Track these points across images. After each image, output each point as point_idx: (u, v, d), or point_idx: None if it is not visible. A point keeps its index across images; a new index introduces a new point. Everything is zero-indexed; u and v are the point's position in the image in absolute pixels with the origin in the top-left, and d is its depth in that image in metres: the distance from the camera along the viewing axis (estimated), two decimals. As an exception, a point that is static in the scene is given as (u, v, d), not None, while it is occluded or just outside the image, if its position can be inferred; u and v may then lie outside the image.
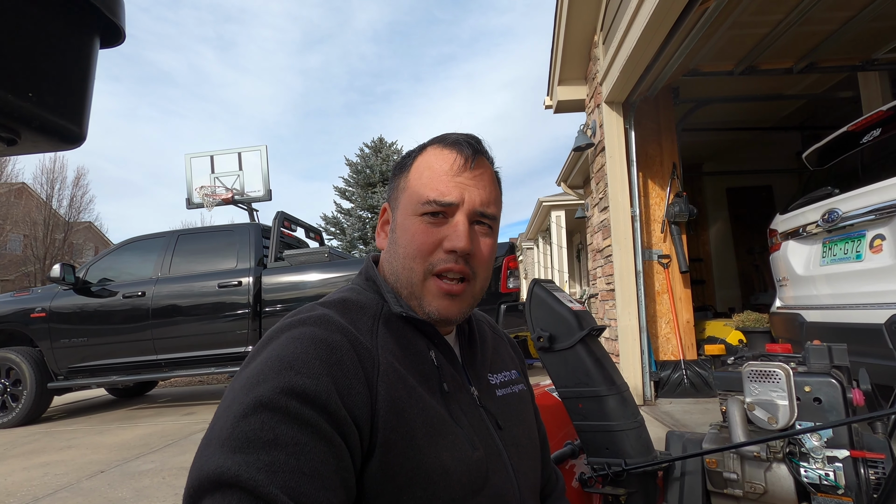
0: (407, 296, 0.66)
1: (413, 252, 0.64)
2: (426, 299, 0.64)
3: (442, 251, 0.63)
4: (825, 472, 0.83)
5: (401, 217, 0.67)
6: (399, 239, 0.66)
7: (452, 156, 0.66)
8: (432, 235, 0.63)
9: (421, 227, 0.64)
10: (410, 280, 0.64)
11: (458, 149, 0.66)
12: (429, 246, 0.63)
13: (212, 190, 7.02)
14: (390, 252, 0.68)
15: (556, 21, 4.37)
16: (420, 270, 0.64)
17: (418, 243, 0.63)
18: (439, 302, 0.64)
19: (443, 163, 0.65)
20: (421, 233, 0.63)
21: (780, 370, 0.88)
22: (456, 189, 0.64)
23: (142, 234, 5.05)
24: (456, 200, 0.64)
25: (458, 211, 0.64)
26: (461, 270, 0.64)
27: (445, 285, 0.64)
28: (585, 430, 1.02)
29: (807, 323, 2.72)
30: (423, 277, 0.64)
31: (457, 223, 0.63)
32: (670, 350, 4.00)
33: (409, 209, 0.65)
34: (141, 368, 4.57)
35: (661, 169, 4.20)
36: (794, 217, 2.89)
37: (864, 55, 4.00)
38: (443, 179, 0.64)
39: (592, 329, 1.03)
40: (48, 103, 0.27)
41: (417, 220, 0.64)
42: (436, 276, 0.64)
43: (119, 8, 0.29)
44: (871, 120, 2.41)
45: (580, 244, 12.28)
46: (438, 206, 0.63)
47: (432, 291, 0.64)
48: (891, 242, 2.20)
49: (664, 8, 2.73)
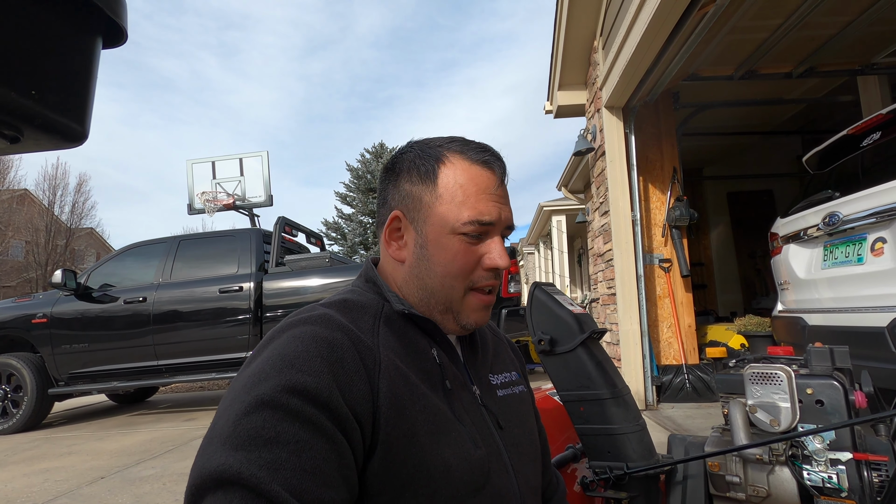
0: (443, 311, 0.66)
1: (455, 271, 0.64)
2: (464, 313, 0.66)
3: (482, 269, 0.65)
4: (828, 474, 0.83)
5: (433, 234, 0.65)
6: (434, 256, 0.65)
7: (486, 174, 0.66)
8: (473, 255, 0.65)
9: (462, 246, 0.64)
10: (450, 297, 0.65)
11: (491, 168, 0.67)
12: (471, 265, 0.65)
13: (213, 195, 7.03)
14: (420, 269, 0.66)
15: (556, 26, 4.40)
16: (461, 288, 0.65)
17: (461, 263, 0.64)
18: (477, 314, 0.67)
19: (479, 181, 0.65)
20: (463, 253, 0.64)
21: (781, 372, 0.88)
22: (494, 209, 0.65)
23: (143, 240, 5.06)
24: (495, 220, 0.65)
25: (494, 229, 0.66)
26: (496, 284, 0.68)
27: (486, 298, 0.67)
28: (587, 434, 1.02)
29: (809, 326, 2.71)
30: (463, 294, 0.66)
31: (495, 241, 0.66)
32: (672, 354, 3.99)
33: (444, 227, 0.64)
34: (142, 374, 4.56)
35: (662, 173, 4.20)
36: (795, 220, 2.89)
37: (863, 59, 4.01)
38: (482, 199, 0.65)
39: (593, 332, 1.03)
40: (50, 102, 0.27)
41: (456, 238, 0.64)
42: (474, 290, 0.66)
43: (121, 9, 0.29)
44: (870, 123, 2.41)
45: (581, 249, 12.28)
46: (480, 225, 0.64)
47: (472, 306, 0.66)
48: (892, 245, 2.20)
49: (663, 13, 2.74)
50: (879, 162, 2.51)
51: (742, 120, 5.65)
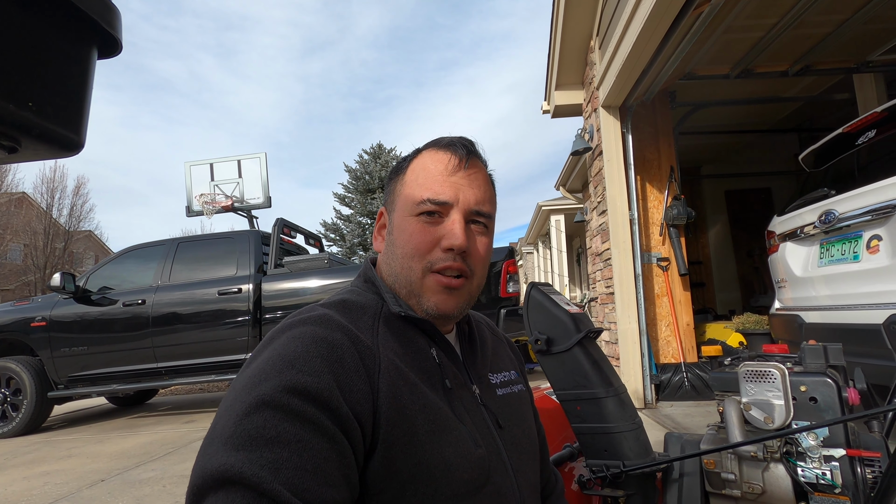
0: (406, 294, 0.67)
1: (411, 251, 0.65)
2: (425, 296, 0.65)
3: (440, 250, 0.64)
4: (822, 471, 0.84)
5: (397, 218, 0.68)
6: (396, 240, 0.67)
7: (447, 157, 0.67)
8: (429, 234, 0.64)
9: (418, 226, 0.65)
10: (409, 279, 0.65)
11: (452, 150, 0.67)
12: (426, 245, 0.64)
13: (211, 197, 7.03)
14: (388, 254, 0.69)
15: (553, 26, 4.41)
16: (419, 269, 0.65)
17: (416, 242, 0.64)
18: (437, 297, 0.65)
19: (437, 164, 0.67)
20: (418, 232, 0.65)
21: (775, 370, 0.88)
22: (451, 188, 0.65)
23: (142, 242, 5.06)
24: (451, 199, 0.65)
25: (453, 210, 0.65)
26: (459, 268, 0.65)
27: (445, 279, 0.64)
28: (584, 433, 1.03)
29: (806, 324, 2.72)
30: (421, 275, 0.65)
31: (453, 221, 0.64)
32: (671, 353, 4.00)
33: (405, 210, 0.67)
34: (141, 377, 4.56)
35: (659, 172, 4.21)
36: (792, 219, 2.90)
37: (858, 57, 4.03)
38: (437, 179, 0.65)
39: (589, 331, 1.04)
40: (48, 112, 0.28)
41: (414, 220, 0.65)
42: (434, 272, 0.65)
43: (116, 20, 0.30)
44: (866, 121, 2.42)
45: (580, 248, 12.29)
46: (434, 205, 0.64)
47: (431, 287, 0.65)
48: (887, 243, 2.21)
49: (659, 13, 2.75)
50: (875, 160, 2.52)
51: (739, 118, 5.66)
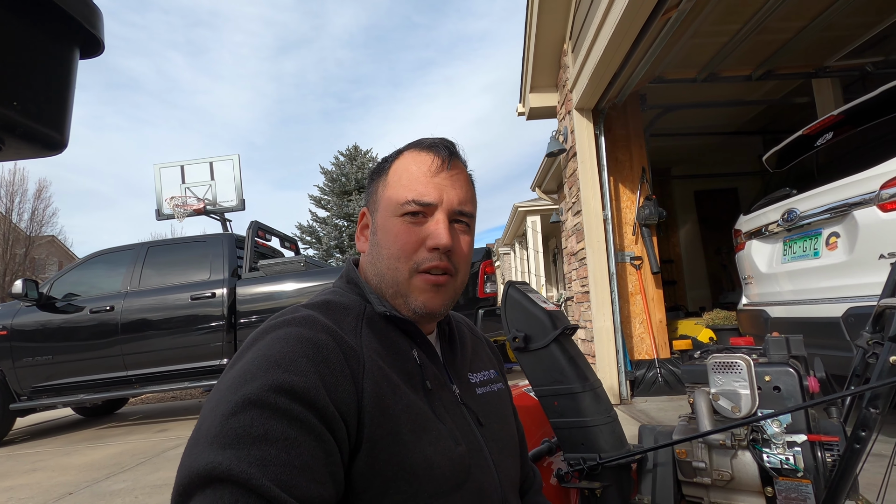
0: (392, 294, 0.67)
1: (397, 252, 0.66)
2: (412, 295, 0.66)
3: (425, 249, 0.66)
4: (786, 456, 0.88)
5: (381, 219, 0.69)
6: (381, 240, 0.68)
7: (429, 158, 0.68)
8: (414, 235, 0.66)
9: (403, 227, 0.66)
10: (396, 279, 0.66)
11: (435, 151, 0.69)
12: (412, 245, 0.66)
13: (183, 200, 6.86)
14: (373, 254, 0.70)
15: (527, 29, 4.47)
16: (405, 269, 0.66)
17: (401, 243, 0.66)
18: (425, 295, 0.66)
19: (420, 165, 0.68)
20: (403, 233, 0.66)
21: (741, 361, 0.92)
22: (434, 189, 0.66)
23: (110, 247, 4.90)
24: (435, 200, 0.66)
25: (437, 210, 0.66)
26: (445, 267, 0.66)
27: (432, 277, 0.66)
28: (561, 427, 1.05)
29: (771, 319, 2.83)
30: (408, 276, 0.66)
31: (437, 221, 0.66)
32: (644, 349, 4.09)
33: (389, 211, 0.67)
34: (110, 385, 4.41)
35: (631, 173, 4.32)
36: (757, 217, 3.01)
37: (817, 63, 4.22)
38: (421, 180, 0.67)
39: (566, 328, 1.06)
40: (32, 112, 0.28)
41: (398, 220, 0.66)
42: (421, 272, 0.66)
43: (98, 21, 0.30)
44: (824, 124, 2.54)
45: (556, 248, 12.46)
46: (418, 205, 0.65)
47: (419, 287, 0.66)
48: (845, 240, 2.32)
49: (629, 18, 2.83)
50: (832, 160, 2.64)
51: (706, 121, 5.85)
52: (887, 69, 4.15)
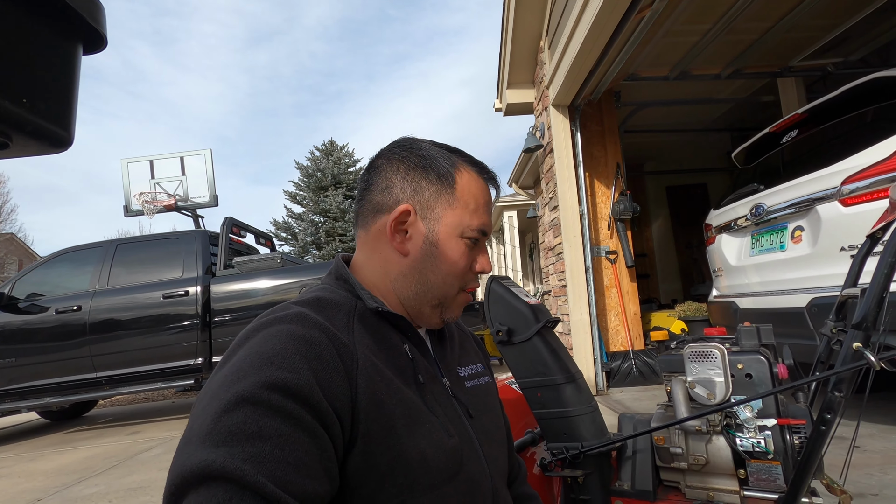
0: (434, 305, 0.71)
1: (457, 272, 0.70)
2: (451, 308, 0.73)
3: (472, 272, 0.73)
4: (757, 439, 0.92)
5: (444, 233, 0.70)
6: (440, 254, 0.69)
7: (489, 190, 0.75)
8: (469, 258, 0.72)
9: (465, 250, 0.71)
10: (446, 294, 0.71)
11: (492, 184, 0.76)
12: (467, 267, 0.72)
13: (152, 196, 6.67)
14: (424, 263, 0.69)
15: (504, 26, 4.49)
16: (457, 286, 0.72)
17: (462, 265, 0.71)
18: (459, 310, 0.75)
19: (486, 195, 0.74)
20: (464, 256, 0.71)
21: (716, 350, 0.96)
22: (490, 221, 0.74)
23: (75, 245, 4.73)
24: (489, 232, 0.74)
25: (487, 239, 0.74)
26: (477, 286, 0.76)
27: (468, 297, 0.75)
28: (544, 418, 1.08)
29: (740, 310, 2.93)
30: (457, 293, 0.72)
31: (484, 250, 0.74)
32: (620, 341, 4.19)
33: (455, 230, 0.70)
34: (78, 388, 4.27)
35: (606, 169, 4.40)
36: (726, 212, 3.11)
37: (782, 62, 4.37)
38: (485, 209, 0.73)
39: (548, 321, 1.09)
40: (40, 109, 0.27)
41: (462, 242, 0.70)
42: (464, 292, 0.74)
43: (101, 15, 0.30)
44: (789, 122, 2.64)
45: (532, 243, 12.59)
46: (482, 235, 0.72)
47: (460, 303, 0.74)
48: (809, 233, 2.42)
49: (604, 15, 2.87)
50: (797, 157, 2.75)
51: (678, 118, 5.99)
52: (846, 70, 4.33)
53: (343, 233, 19.01)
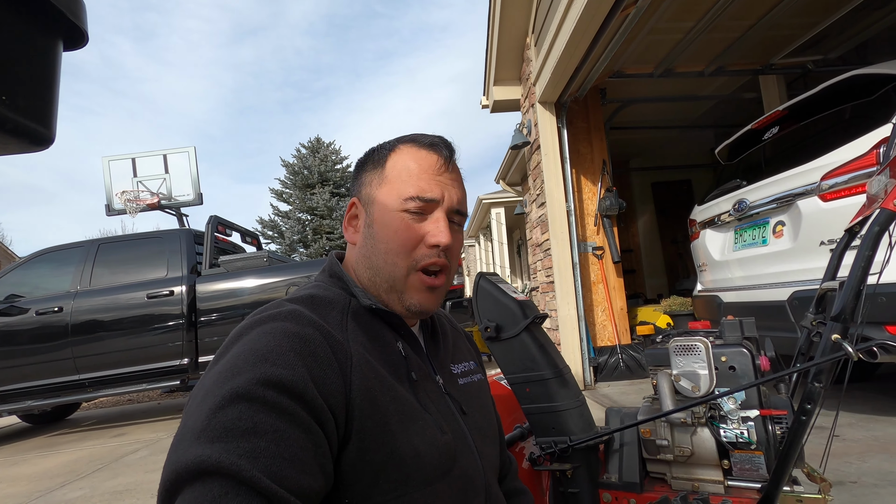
0: (387, 290, 0.68)
1: (396, 247, 0.66)
2: (408, 293, 0.67)
3: (424, 246, 0.66)
4: (740, 430, 0.94)
5: (379, 213, 0.68)
6: (378, 234, 0.68)
7: (433, 157, 0.69)
8: (414, 231, 0.66)
9: (403, 223, 0.66)
10: (393, 275, 0.67)
11: (437, 150, 0.70)
12: (412, 241, 0.66)
13: (135, 195, 6.55)
14: (367, 248, 0.69)
15: (490, 23, 4.49)
16: (404, 266, 0.67)
17: (402, 239, 0.66)
18: (421, 296, 0.68)
19: (422, 161, 0.69)
20: (404, 228, 0.66)
21: (700, 343, 0.98)
22: (437, 187, 0.67)
23: (56, 245, 4.64)
24: (438, 197, 0.67)
25: (438, 208, 0.67)
26: (442, 264, 0.68)
27: (429, 279, 0.67)
28: (533, 413, 1.09)
29: (724, 304, 2.98)
30: (406, 272, 0.67)
31: (438, 219, 0.67)
32: (607, 336, 4.24)
33: (389, 205, 0.67)
34: (61, 390, 4.20)
35: (593, 166, 4.43)
36: (710, 208, 3.16)
37: (763, 60, 4.44)
38: (424, 177, 0.67)
39: (536, 317, 1.10)
40: (20, 106, 0.27)
41: (399, 215, 0.66)
42: (419, 271, 0.67)
43: (81, 11, 0.29)
44: (770, 119, 2.69)
45: (520, 240, 12.65)
46: (421, 202, 0.66)
47: (415, 286, 0.67)
48: (790, 228, 2.47)
49: (590, 13, 2.89)
50: (779, 153, 2.80)
51: (662, 115, 6.06)
52: (825, 67, 4.42)
53: (330, 230, 18.90)
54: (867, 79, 2.23)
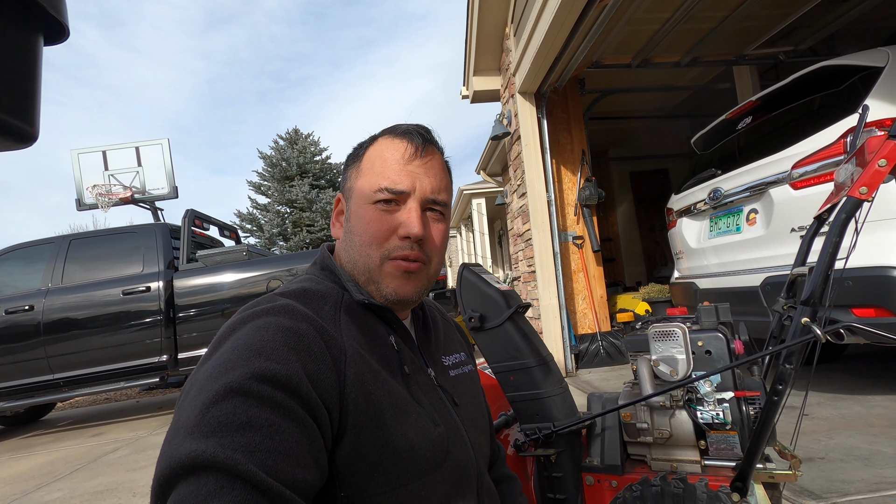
0: (365, 281, 0.68)
1: (368, 239, 0.66)
2: (384, 282, 0.67)
3: (397, 238, 0.66)
4: (716, 412, 0.98)
5: (354, 206, 0.69)
6: (354, 227, 0.68)
7: (403, 145, 0.68)
8: (386, 223, 0.66)
9: (375, 214, 0.66)
10: (368, 266, 0.67)
11: (409, 138, 0.69)
12: (383, 233, 0.66)
13: (107, 189, 6.36)
14: (347, 241, 0.70)
15: (469, 13, 4.47)
16: (377, 256, 0.66)
17: (373, 230, 0.66)
18: (396, 282, 0.67)
19: (394, 152, 0.68)
20: (375, 220, 0.66)
21: (678, 329, 1.01)
22: (407, 177, 0.67)
23: (23, 242, 4.49)
24: (407, 188, 0.66)
25: (409, 198, 0.67)
26: (416, 256, 0.67)
27: (402, 263, 0.66)
28: (517, 400, 1.11)
29: (700, 290, 3.06)
30: (379, 263, 0.67)
31: (409, 210, 0.66)
32: (587, 324, 4.31)
33: (362, 198, 0.68)
34: (34, 391, 4.09)
35: (572, 156, 4.47)
36: (686, 196, 3.23)
37: (737, 51, 4.52)
38: (394, 168, 0.67)
39: (519, 306, 1.11)
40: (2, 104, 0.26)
41: (371, 208, 0.66)
42: (391, 260, 0.67)
43: (61, 5, 0.29)
44: (743, 109, 2.75)
45: (501, 230, 12.71)
46: (391, 193, 0.66)
47: (390, 273, 0.67)
48: (762, 216, 2.54)
49: (568, 4, 2.90)
50: (752, 142, 2.87)
51: (640, 105, 6.13)
52: (796, 58, 4.53)
53: (311, 223, 18.68)
54: (835, 70, 2.30)
